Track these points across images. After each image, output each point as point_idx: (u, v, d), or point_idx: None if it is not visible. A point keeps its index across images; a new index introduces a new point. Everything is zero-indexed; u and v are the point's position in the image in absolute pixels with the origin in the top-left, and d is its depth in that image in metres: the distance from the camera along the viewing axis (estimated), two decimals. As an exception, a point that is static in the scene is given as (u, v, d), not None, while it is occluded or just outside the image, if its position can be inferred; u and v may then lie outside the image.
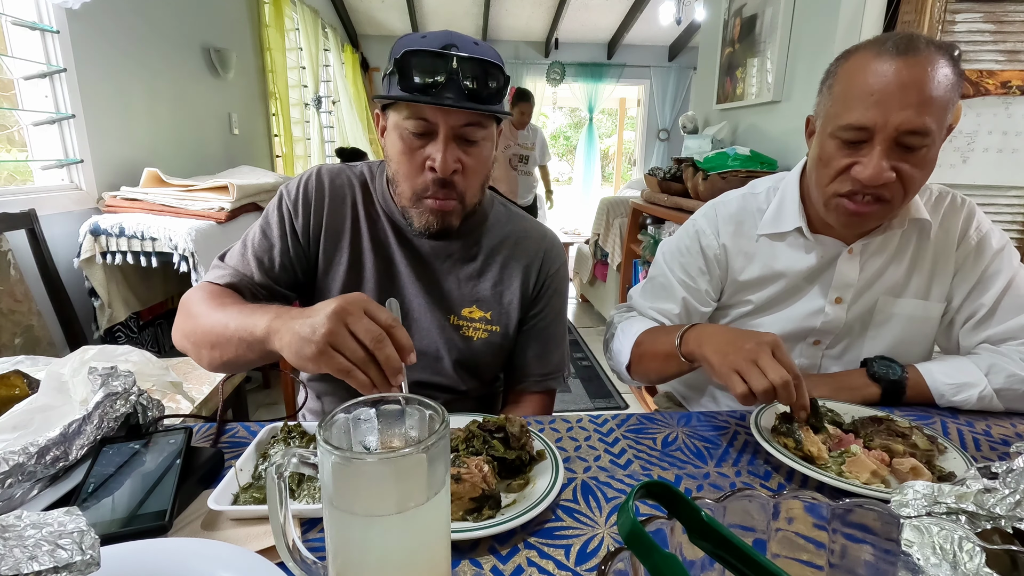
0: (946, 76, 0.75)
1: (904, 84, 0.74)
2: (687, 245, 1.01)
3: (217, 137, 2.89)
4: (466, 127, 0.76)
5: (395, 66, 0.74)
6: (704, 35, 3.14)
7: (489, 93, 0.75)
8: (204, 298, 0.77)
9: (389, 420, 0.41)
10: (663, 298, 1.01)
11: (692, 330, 0.83)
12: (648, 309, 1.02)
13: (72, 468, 0.59)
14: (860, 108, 0.77)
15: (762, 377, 0.68)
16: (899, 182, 0.79)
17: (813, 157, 0.87)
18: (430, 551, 0.40)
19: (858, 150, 0.79)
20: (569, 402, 2.73)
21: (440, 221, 0.81)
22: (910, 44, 0.75)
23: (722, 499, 0.36)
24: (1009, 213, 1.93)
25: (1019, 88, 1.82)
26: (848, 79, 0.80)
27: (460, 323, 0.89)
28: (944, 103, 0.75)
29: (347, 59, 5.12)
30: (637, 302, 1.06)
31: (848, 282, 0.92)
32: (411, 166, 0.79)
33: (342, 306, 0.57)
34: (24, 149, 1.84)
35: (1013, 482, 0.40)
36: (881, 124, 0.76)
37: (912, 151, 0.77)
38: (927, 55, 0.74)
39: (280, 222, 0.86)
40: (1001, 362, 0.84)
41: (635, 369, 0.95)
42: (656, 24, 5.17)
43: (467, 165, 0.79)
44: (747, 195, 1.00)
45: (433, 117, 0.75)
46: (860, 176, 0.79)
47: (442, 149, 0.75)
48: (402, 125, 0.77)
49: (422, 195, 0.80)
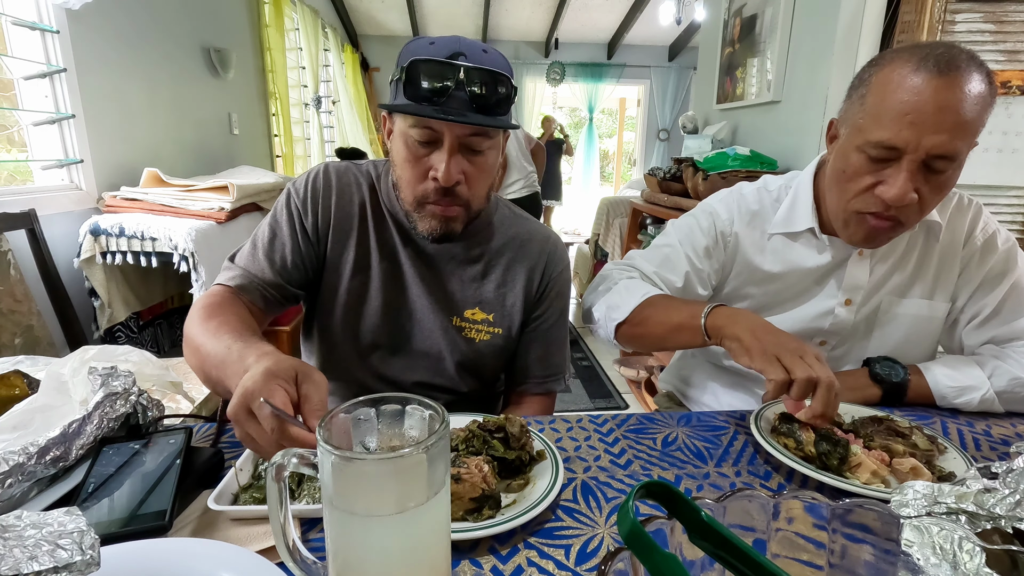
0: (982, 97, 0.72)
1: (941, 107, 0.71)
2: (700, 225, 0.99)
3: (217, 137, 2.89)
4: (472, 137, 0.76)
5: (402, 73, 0.73)
6: (704, 35, 3.14)
7: (497, 103, 0.74)
8: (204, 317, 0.74)
9: (389, 420, 0.41)
10: (667, 268, 0.98)
11: (722, 308, 0.80)
12: (652, 273, 0.98)
13: (72, 468, 0.59)
14: (893, 127, 0.74)
15: (808, 368, 0.67)
16: (918, 203, 0.77)
17: (836, 168, 0.84)
18: (430, 551, 0.40)
19: (883, 168, 0.77)
20: (569, 402, 2.73)
21: (444, 226, 0.81)
22: (951, 62, 0.71)
23: (722, 499, 0.36)
24: (1009, 213, 1.93)
25: (1019, 88, 1.83)
26: (882, 92, 0.76)
27: (463, 325, 0.89)
28: (977, 127, 0.73)
29: (347, 59, 5.12)
30: (640, 263, 1.01)
31: (858, 284, 0.92)
32: (415, 174, 0.78)
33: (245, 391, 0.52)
34: (24, 149, 1.84)
35: (1013, 482, 0.40)
36: (913, 146, 0.73)
37: (936, 174, 0.75)
38: (967, 75, 0.71)
39: (289, 219, 0.86)
40: (1005, 364, 0.84)
41: (628, 330, 0.91)
42: (656, 24, 5.18)
43: (471, 175, 0.78)
44: (761, 190, 0.99)
45: (438, 127, 0.74)
46: (884, 196, 0.76)
47: (446, 159, 0.75)
48: (407, 133, 0.76)
49: (424, 201, 0.79)
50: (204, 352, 0.69)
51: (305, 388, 0.55)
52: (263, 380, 0.53)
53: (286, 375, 0.54)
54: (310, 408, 0.54)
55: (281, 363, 0.55)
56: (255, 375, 0.54)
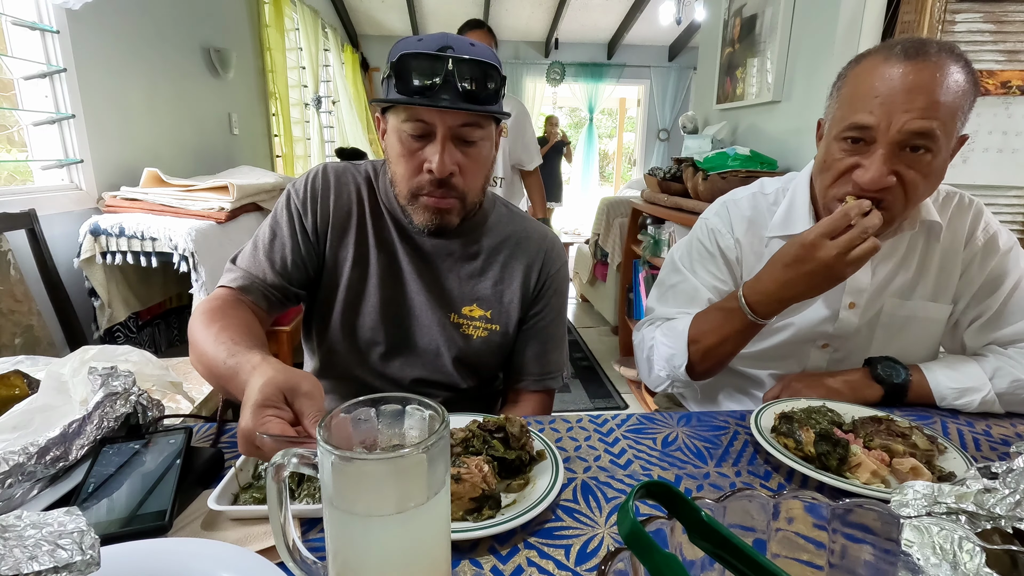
0: (956, 82, 0.73)
1: (910, 87, 0.73)
2: (706, 247, 0.99)
3: (217, 137, 2.89)
4: (464, 127, 0.77)
5: (392, 69, 0.74)
6: (704, 35, 3.14)
7: (486, 94, 0.75)
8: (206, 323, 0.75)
9: (389, 420, 0.41)
10: (689, 303, 0.97)
11: (746, 286, 0.85)
12: (676, 315, 0.97)
13: (72, 468, 0.59)
14: (864, 109, 0.76)
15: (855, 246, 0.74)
16: (900, 189, 0.77)
17: (818, 160, 0.87)
18: (430, 551, 0.40)
19: (860, 152, 0.78)
20: (569, 402, 2.73)
21: (439, 218, 0.82)
22: (920, 48, 0.74)
23: (722, 499, 0.36)
24: (1009, 213, 1.93)
25: (1019, 88, 1.82)
26: (855, 82, 0.79)
27: (460, 321, 0.90)
28: (953, 109, 0.74)
29: (347, 59, 5.12)
30: (662, 311, 1.00)
31: (861, 287, 0.91)
32: (409, 167, 0.79)
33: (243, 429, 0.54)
34: (24, 149, 1.84)
35: (1013, 482, 0.40)
36: (884, 126, 0.75)
37: (917, 157, 0.76)
38: (937, 60, 0.73)
39: (289, 220, 0.87)
40: (1007, 366, 0.84)
41: (699, 364, 0.90)
42: (656, 24, 5.17)
43: (465, 166, 0.79)
44: (757, 194, 0.99)
45: (430, 119, 0.75)
46: (860, 180, 0.77)
47: (439, 150, 0.76)
48: (400, 128, 0.77)
49: (419, 193, 0.80)
50: (207, 360, 0.71)
51: (299, 404, 0.56)
52: (253, 418, 0.53)
53: (274, 401, 0.55)
54: (309, 422, 0.54)
55: (267, 387, 0.55)
56: (245, 415, 0.54)
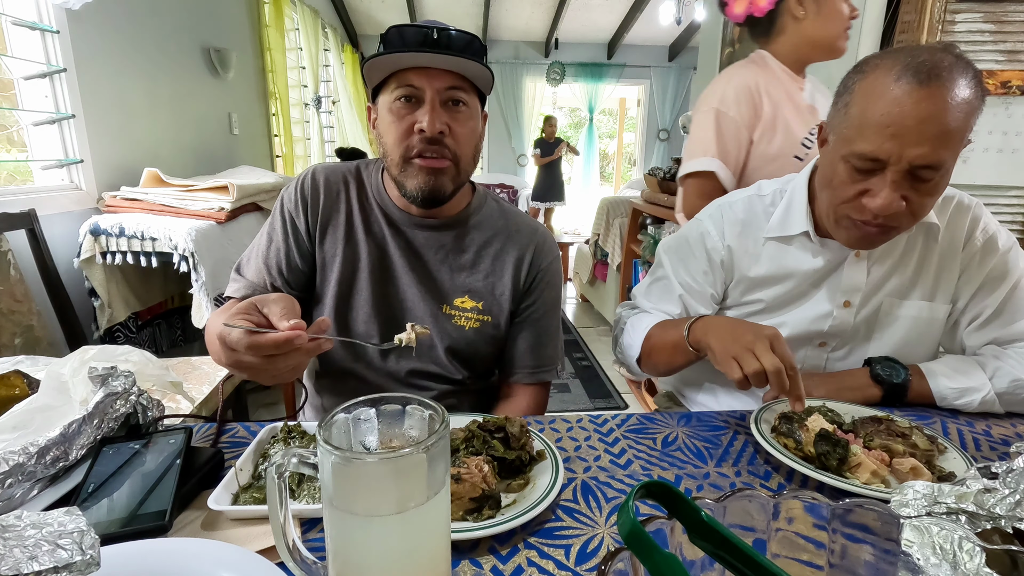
0: (967, 103, 0.71)
1: (923, 118, 0.71)
2: (692, 248, 1.00)
3: (217, 137, 2.89)
4: (452, 90, 0.80)
5: (381, 39, 0.80)
6: (704, 35, 3.14)
7: (471, 52, 0.80)
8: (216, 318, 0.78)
9: (389, 420, 0.41)
10: (665, 300, 1.03)
11: (699, 321, 0.84)
12: (651, 309, 1.03)
13: (72, 468, 0.59)
14: (875, 140, 0.74)
15: (755, 361, 0.69)
16: (908, 209, 0.77)
17: (824, 175, 0.85)
18: (430, 551, 0.40)
19: (869, 178, 0.77)
20: (569, 402, 2.73)
21: (432, 180, 0.82)
22: (933, 71, 0.70)
23: (722, 499, 0.36)
24: (1009, 213, 1.93)
25: (1019, 88, 1.83)
26: (864, 102, 0.76)
27: (452, 312, 0.91)
28: (963, 132, 0.73)
29: (347, 59, 5.12)
30: (641, 302, 1.07)
31: (856, 286, 0.92)
32: (400, 132, 0.81)
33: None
34: (24, 149, 1.84)
35: (1013, 482, 0.40)
36: (896, 158, 0.73)
37: (923, 182, 0.75)
38: (950, 82, 0.70)
39: (283, 224, 0.89)
40: (1006, 366, 0.84)
41: (645, 362, 0.97)
42: (656, 24, 5.18)
43: (454, 129, 0.82)
44: (753, 197, 0.99)
45: (419, 83, 0.79)
46: (870, 206, 0.77)
47: (429, 111, 0.79)
48: (392, 100, 0.81)
49: (410, 156, 0.82)
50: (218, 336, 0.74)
51: (267, 309, 0.61)
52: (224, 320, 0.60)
53: (246, 310, 0.61)
54: (275, 318, 0.60)
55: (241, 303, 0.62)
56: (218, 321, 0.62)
